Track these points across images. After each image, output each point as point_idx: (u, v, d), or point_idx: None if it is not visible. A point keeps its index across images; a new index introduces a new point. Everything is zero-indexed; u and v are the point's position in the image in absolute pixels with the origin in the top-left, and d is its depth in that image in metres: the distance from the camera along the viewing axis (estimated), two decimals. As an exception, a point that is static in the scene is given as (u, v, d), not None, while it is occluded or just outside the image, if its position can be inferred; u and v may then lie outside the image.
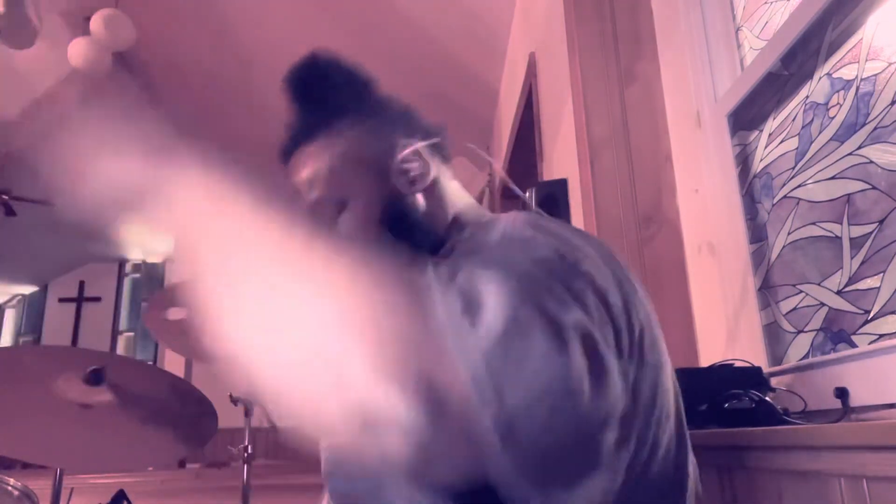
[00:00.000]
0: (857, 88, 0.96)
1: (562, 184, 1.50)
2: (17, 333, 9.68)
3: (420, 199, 0.69)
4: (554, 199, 1.44)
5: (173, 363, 5.15)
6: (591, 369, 0.42)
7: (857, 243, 0.95)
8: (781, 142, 1.17)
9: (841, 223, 0.99)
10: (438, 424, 0.39)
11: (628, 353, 0.49)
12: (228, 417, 1.78)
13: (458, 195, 0.74)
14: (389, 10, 3.29)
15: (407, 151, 0.69)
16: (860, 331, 0.94)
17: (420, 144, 0.70)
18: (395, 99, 0.76)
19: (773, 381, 1.06)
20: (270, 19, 3.48)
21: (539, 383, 0.39)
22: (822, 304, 1.03)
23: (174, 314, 1.58)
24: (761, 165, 1.23)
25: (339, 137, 0.71)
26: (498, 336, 0.40)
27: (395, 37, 3.45)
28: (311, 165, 0.70)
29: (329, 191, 0.68)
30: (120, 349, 9.23)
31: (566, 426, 0.40)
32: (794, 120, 1.13)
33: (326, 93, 0.73)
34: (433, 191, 0.70)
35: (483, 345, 0.39)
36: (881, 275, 0.89)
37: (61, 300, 9.42)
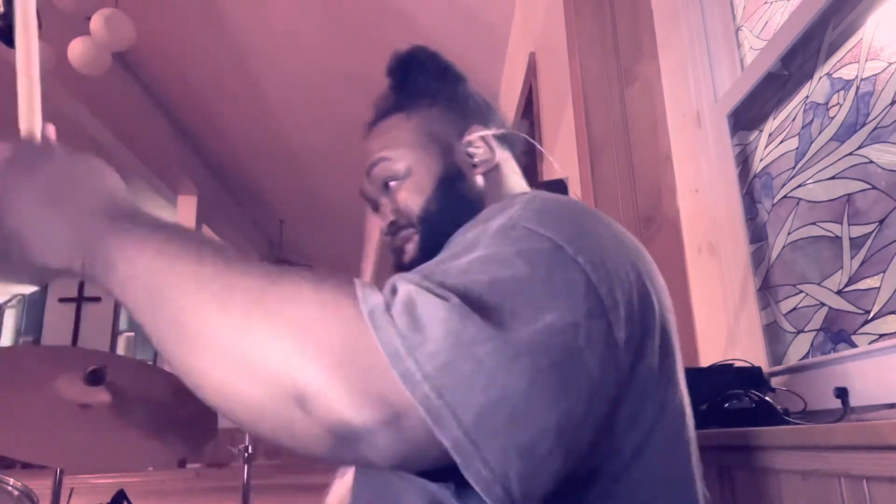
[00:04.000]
0: (857, 88, 0.96)
1: (561, 183, 1.49)
2: (17, 333, 9.68)
3: (479, 180, 0.74)
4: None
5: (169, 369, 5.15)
6: (556, 368, 0.41)
7: (857, 243, 0.95)
8: (781, 142, 1.17)
9: (841, 223, 0.99)
10: (396, 438, 0.39)
11: (634, 347, 0.49)
12: (228, 417, 1.78)
13: (519, 187, 0.77)
14: (389, 10, 3.29)
15: (475, 135, 0.74)
16: (860, 331, 0.94)
17: (488, 132, 0.75)
18: (481, 94, 0.81)
19: (773, 381, 1.06)
20: (270, 19, 3.48)
21: (488, 399, 0.39)
22: (822, 304, 1.03)
23: None
24: (761, 165, 1.23)
25: (416, 114, 0.76)
26: (442, 355, 0.39)
27: (396, 36, 3.45)
28: (385, 133, 0.77)
29: (394, 155, 0.74)
30: (120, 349, 9.24)
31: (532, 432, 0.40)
32: (794, 120, 1.13)
33: (417, 76, 0.79)
34: (493, 177, 0.75)
35: (428, 370, 0.38)
36: (881, 275, 0.89)
37: (61, 300, 9.43)
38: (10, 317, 9.93)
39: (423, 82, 0.79)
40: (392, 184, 0.74)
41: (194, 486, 3.88)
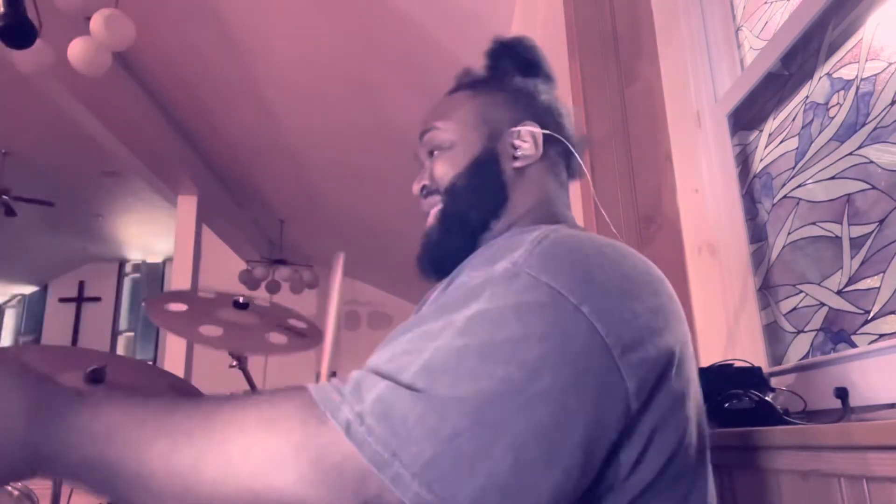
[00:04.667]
0: (857, 88, 0.96)
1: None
2: (17, 333, 9.68)
3: (512, 172, 0.74)
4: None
5: (173, 363, 5.14)
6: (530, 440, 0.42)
7: (857, 243, 0.95)
8: (781, 142, 1.17)
9: (841, 223, 0.99)
10: None
11: (646, 392, 0.48)
12: (228, 417, 1.78)
13: (553, 195, 0.76)
14: (389, 10, 3.29)
15: (525, 129, 0.74)
16: (860, 331, 0.94)
17: (537, 129, 0.74)
18: (560, 102, 0.81)
19: (773, 381, 1.06)
20: (271, 19, 3.48)
21: (479, 486, 0.40)
22: (822, 304, 1.03)
23: (175, 307, 1.65)
24: (761, 165, 1.23)
25: (481, 95, 0.78)
26: (427, 453, 0.40)
27: (395, 36, 3.45)
28: (448, 104, 0.79)
29: (444, 127, 0.76)
30: (120, 349, 9.24)
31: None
32: (794, 120, 1.13)
33: (502, 62, 0.81)
34: (530, 174, 0.75)
35: (415, 469, 0.40)
36: (881, 275, 0.89)
37: (61, 300, 9.42)
38: (10, 317, 9.93)
39: (504, 69, 0.80)
40: (436, 152, 0.76)
41: (194, 486, 3.88)
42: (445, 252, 0.72)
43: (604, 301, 0.48)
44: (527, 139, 0.74)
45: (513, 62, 0.80)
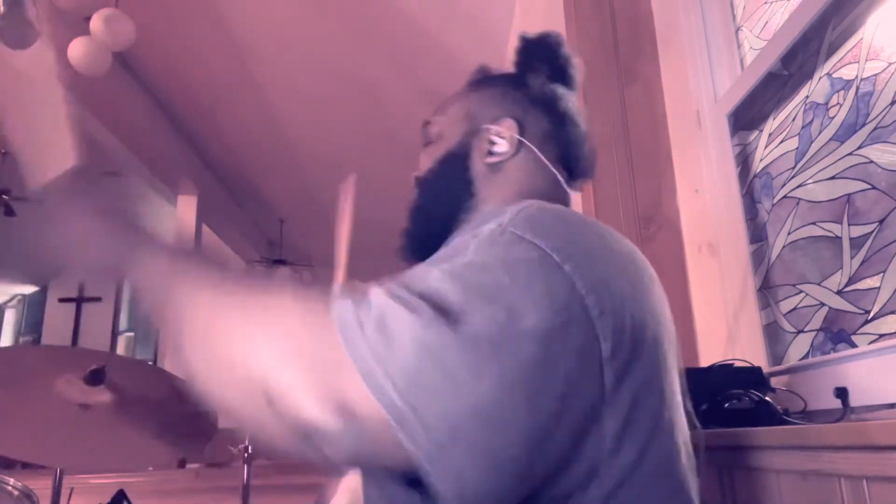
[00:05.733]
0: (857, 88, 0.96)
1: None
2: (17, 333, 9.67)
3: (482, 168, 0.74)
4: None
5: (173, 363, 5.14)
6: (529, 374, 0.42)
7: (857, 243, 0.95)
8: (781, 142, 1.17)
9: (841, 223, 0.99)
10: (359, 441, 0.42)
11: (622, 360, 0.48)
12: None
13: (539, 189, 0.75)
14: (389, 9, 3.29)
15: (503, 127, 0.74)
16: (860, 331, 0.94)
17: (514, 127, 0.74)
18: (555, 94, 0.79)
19: (773, 381, 1.06)
20: (271, 19, 3.47)
21: (457, 407, 0.40)
22: (822, 304, 1.03)
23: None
24: (761, 165, 1.23)
25: (476, 92, 0.79)
26: (411, 367, 0.41)
27: (395, 36, 3.45)
28: (446, 100, 0.81)
29: (436, 121, 0.78)
30: (120, 349, 9.24)
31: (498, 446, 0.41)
32: (794, 120, 1.13)
33: (517, 60, 0.80)
34: (503, 172, 0.74)
35: (397, 381, 0.41)
36: (881, 275, 0.89)
37: (61, 300, 9.42)
38: (10, 317, 9.93)
39: (521, 65, 0.80)
40: (427, 144, 0.78)
41: (194, 486, 3.88)
42: (415, 239, 0.76)
43: (586, 264, 0.49)
44: (504, 136, 0.74)
45: (527, 57, 0.80)
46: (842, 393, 0.85)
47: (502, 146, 0.74)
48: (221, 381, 0.47)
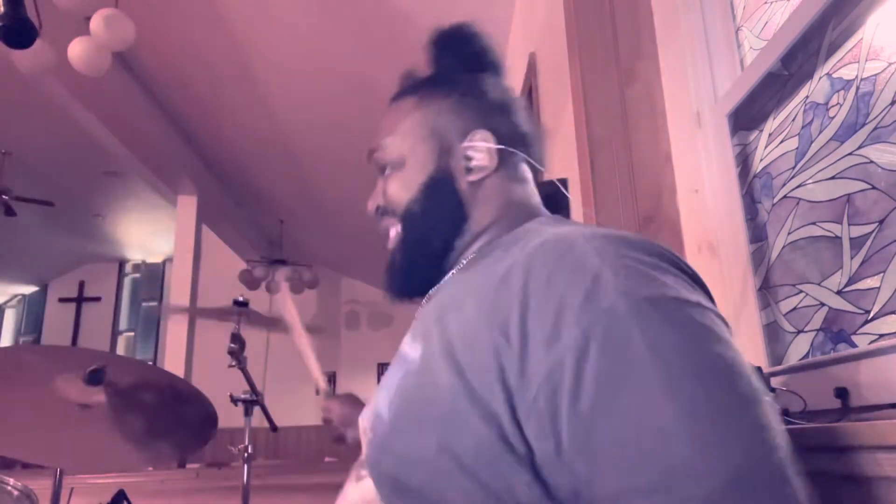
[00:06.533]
0: (857, 88, 0.96)
1: (561, 183, 1.49)
2: (17, 333, 9.68)
3: (468, 187, 0.71)
4: (554, 199, 1.44)
5: (173, 363, 5.14)
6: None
7: (857, 243, 0.95)
8: (781, 142, 1.17)
9: (841, 223, 0.99)
10: None
11: None
12: (228, 417, 1.78)
13: (517, 196, 0.73)
14: (389, 9, 3.29)
15: (478, 141, 0.71)
16: (860, 331, 0.94)
17: (491, 140, 0.71)
18: (505, 89, 0.77)
19: (773, 381, 1.06)
20: (271, 19, 3.48)
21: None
22: (822, 304, 1.03)
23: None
24: (761, 165, 1.23)
25: (427, 102, 0.74)
26: None
27: (395, 35, 3.45)
28: (394, 115, 0.75)
29: (392, 144, 0.73)
30: (120, 349, 9.24)
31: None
32: (794, 120, 1.13)
33: (447, 57, 0.77)
34: (488, 185, 0.71)
35: None
36: (881, 275, 0.89)
37: (61, 300, 9.43)
38: (10, 317, 9.93)
39: (451, 66, 0.77)
40: (388, 170, 0.74)
41: (194, 486, 3.88)
42: (411, 277, 0.71)
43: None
44: (480, 150, 0.71)
45: (456, 56, 0.77)
46: (842, 393, 0.85)
47: (482, 160, 0.70)
48: None
